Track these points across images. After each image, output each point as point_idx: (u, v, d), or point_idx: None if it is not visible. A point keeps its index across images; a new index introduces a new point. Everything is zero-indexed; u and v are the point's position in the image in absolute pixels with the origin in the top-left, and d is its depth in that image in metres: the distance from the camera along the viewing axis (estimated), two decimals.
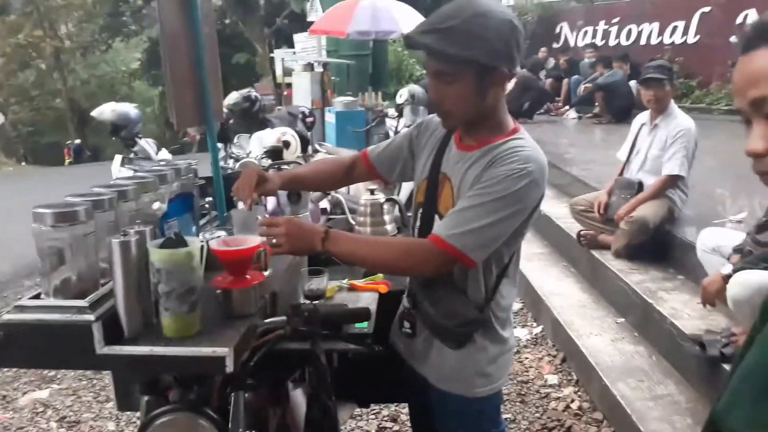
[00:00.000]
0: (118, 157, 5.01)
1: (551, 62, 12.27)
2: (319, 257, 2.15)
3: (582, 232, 4.50)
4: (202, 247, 1.40)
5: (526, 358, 3.90)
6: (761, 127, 0.73)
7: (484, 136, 1.58)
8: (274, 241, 1.53)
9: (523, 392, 3.51)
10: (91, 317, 1.31)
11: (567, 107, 10.81)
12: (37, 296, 1.41)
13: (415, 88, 6.76)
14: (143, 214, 1.64)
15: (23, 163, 20.48)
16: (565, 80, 11.25)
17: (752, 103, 0.73)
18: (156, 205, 1.61)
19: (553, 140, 8.05)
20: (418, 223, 1.73)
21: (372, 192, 2.52)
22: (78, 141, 20.74)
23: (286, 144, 5.54)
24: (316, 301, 1.82)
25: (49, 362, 1.46)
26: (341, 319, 1.67)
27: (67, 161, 19.97)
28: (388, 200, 2.56)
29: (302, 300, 1.92)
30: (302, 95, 9.66)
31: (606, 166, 5.40)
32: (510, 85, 10.53)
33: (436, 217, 1.65)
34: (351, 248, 1.56)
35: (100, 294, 1.39)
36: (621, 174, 4.42)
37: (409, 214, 2.35)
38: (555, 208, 5.55)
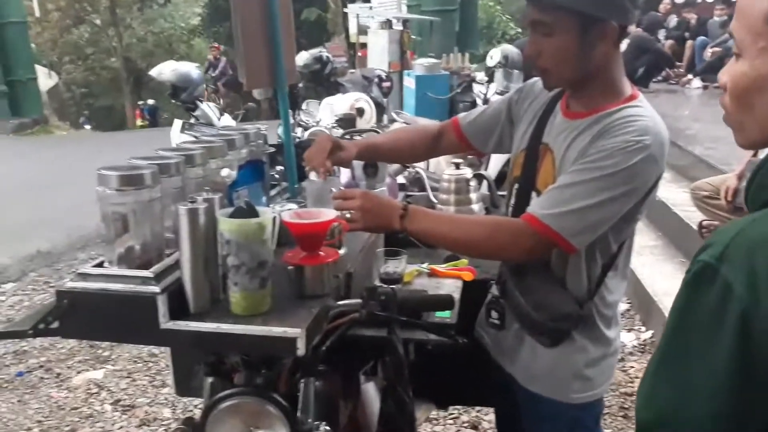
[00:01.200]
0: (177, 122, 5.24)
1: (673, 20, 11.78)
2: (396, 236, 2.20)
3: (705, 223, 4.35)
4: (274, 218, 1.46)
5: (632, 367, 3.82)
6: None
7: (595, 101, 1.56)
8: (348, 215, 1.58)
9: (626, 406, 3.46)
10: (156, 289, 1.40)
11: (690, 75, 10.38)
12: (100, 264, 1.51)
13: (509, 49, 6.67)
14: (211, 182, 1.71)
15: (86, 126, 21.50)
16: (689, 42, 10.80)
17: None
18: (225, 172, 1.69)
19: (672, 113, 7.79)
20: (512, 201, 1.73)
21: (457, 166, 2.53)
22: (151, 101, 21.51)
23: (360, 111, 5.63)
24: (394, 286, 1.86)
25: (110, 334, 1.56)
26: (421, 305, 1.70)
27: (138, 124, 20.77)
28: (475, 176, 2.57)
29: (378, 283, 1.97)
30: (378, 56, 9.73)
31: (735, 145, 5.17)
32: (622, 46, 10.32)
33: (534, 194, 1.64)
34: (431, 226, 1.59)
35: (166, 265, 1.48)
36: (755, 155, 4.23)
37: (501, 192, 2.36)
38: (672, 192, 5.38)
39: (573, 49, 1.50)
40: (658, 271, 4.61)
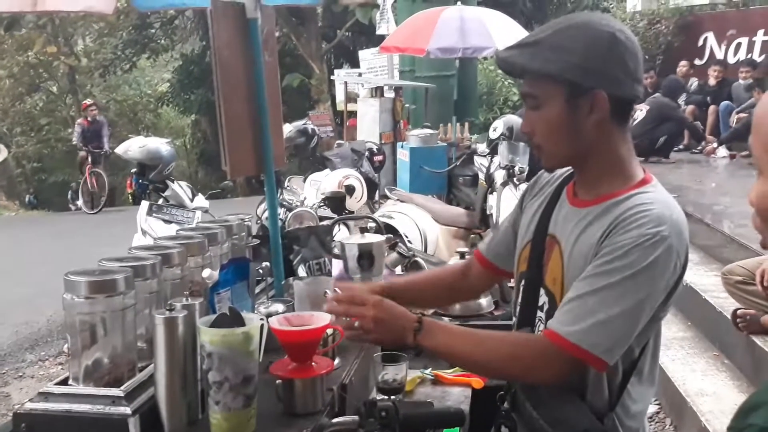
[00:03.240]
0: (144, 204, 5.28)
1: (694, 83, 12.11)
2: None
3: (739, 312, 4.36)
4: (262, 326, 1.48)
5: None
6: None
7: (602, 186, 1.60)
8: (356, 323, 1.58)
9: None
10: (127, 410, 1.40)
11: (715, 143, 10.61)
12: (64, 381, 1.51)
13: (514, 120, 6.82)
14: (189, 282, 1.74)
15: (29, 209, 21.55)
16: (712, 107, 11.08)
17: None
18: (206, 273, 1.71)
19: (697, 186, 7.90)
20: (519, 299, 1.75)
21: (462, 256, 2.57)
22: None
23: (350, 189, 5.72)
24: (394, 397, 1.86)
25: None
26: (427, 422, 1.69)
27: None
28: None
29: (376, 394, 1.97)
30: (369, 127, 9.90)
31: None
32: (640, 114, 10.31)
33: (542, 291, 1.67)
34: (449, 343, 1.59)
35: (138, 381, 1.49)
36: None
37: (511, 285, 2.38)
38: (702, 277, 5.40)
39: (562, 122, 1.55)
40: (689, 368, 4.58)
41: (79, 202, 14.33)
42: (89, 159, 13.66)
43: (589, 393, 1.61)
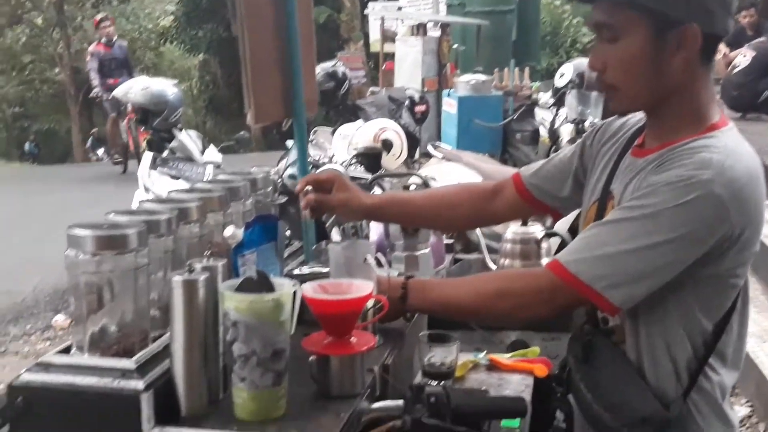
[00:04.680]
0: (147, 156, 5.34)
1: None
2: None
3: None
4: (294, 293, 1.50)
5: None
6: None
7: (670, 132, 1.61)
8: None
9: None
10: (139, 384, 1.43)
11: None
12: (66, 350, 1.55)
13: (584, 64, 6.76)
14: (207, 243, 1.77)
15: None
16: None
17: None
18: (229, 231, 1.74)
19: None
20: None
21: (525, 222, 2.57)
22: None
23: (387, 144, 5.70)
24: (444, 383, 1.88)
25: None
26: (484, 412, 1.71)
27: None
28: (547, 234, 2.61)
29: (421, 379, 1.99)
30: (409, 72, 9.87)
31: None
32: (742, 61, 10.10)
33: None
34: (439, 296, 1.72)
35: (151, 352, 1.52)
36: None
37: None
38: None
39: (644, 58, 1.55)
40: None
41: (104, 157, 12.92)
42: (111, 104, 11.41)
43: (648, 372, 1.62)
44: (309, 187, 1.97)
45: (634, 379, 1.62)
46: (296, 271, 1.93)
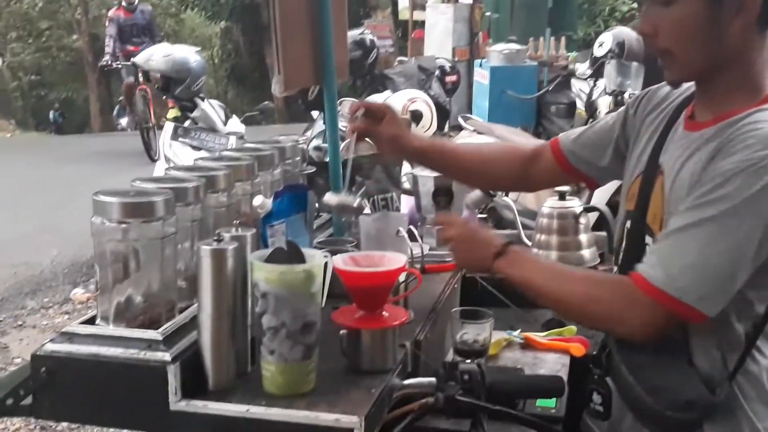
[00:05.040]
0: (168, 126, 5.37)
1: None
2: (475, 291, 2.24)
3: None
4: (325, 264, 1.51)
5: None
6: None
7: (724, 103, 1.58)
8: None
9: None
10: (165, 356, 1.45)
11: None
12: (91, 320, 1.58)
13: (626, 33, 6.70)
14: (235, 213, 1.78)
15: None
16: None
17: None
18: (258, 200, 1.75)
19: None
20: (623, 245, 1.76)
21: (562, 195, 2.56)
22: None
23: (416, 116, 5.69)
24: (478, 361, 1.89)
25: (100, 417, 1.60)
26: (519, 390, 1.73)
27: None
28: (586, 209, 2.59)
29: (453, 356, 2.00)
30: (439, 40, 9.83)
31: None
32: None
33: (647, 236, 1.67)
34: (528, 275, 1.66)
35: (178, 324, 1.54)
36: None
37: None
38: None
39: (701, 23, 1.52)
40: None
41: (128, 128, 12.28)
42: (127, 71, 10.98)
43: (696, 353, 1.61)
44: (360, 112, 1.98)
45: (678, 361, 1.61)
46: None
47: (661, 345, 1.62)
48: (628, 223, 1.74)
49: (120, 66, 11.34)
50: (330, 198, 1.91)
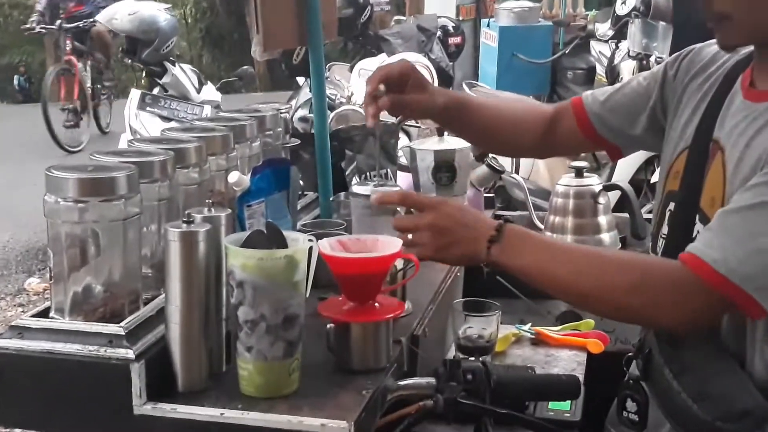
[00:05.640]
0: (135, 94, 5.33)
1: None
2: (481, 278, 2.22)
3: None
4: (310, 249, 1.49)
5: None
6: None
7: None
8: (409, 236, 1.58)
9: None
10: (129, 353, 1.44)
11: None
12: (44, 313, 1.56)
13: None
14: (208, 191, 1.76)
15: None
16: None
17: None
18: (234, 177, 1.73)
19: None
20: (664, 231, 1.74)
21: (579, 172, 2.55)
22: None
23: None
24: (483, 358, 1.88)
25: (55, 421, 1.59)
26: (529, 391, 1.72)
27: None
28: (606, 188, 2.58)
29: (455, 353, 2.00)
30: None
31: None
32: None
33: (697, 219, 1.65)
34: (540, 264, 1.57)
35: (143, 317, 1.52)
36: None
37: (648, 214, 2.36)
38: None
39: None
40: None
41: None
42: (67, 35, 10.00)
43: (753, 359, 1.60)
44: (382, 87, 1.83)
45: (731, 365, 1.58)
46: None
47: (712, 347, 1.60)
48: (671, 206, 1.71)
49: (51, 30, 10.43)
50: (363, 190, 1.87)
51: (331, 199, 2.27)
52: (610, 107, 1.90)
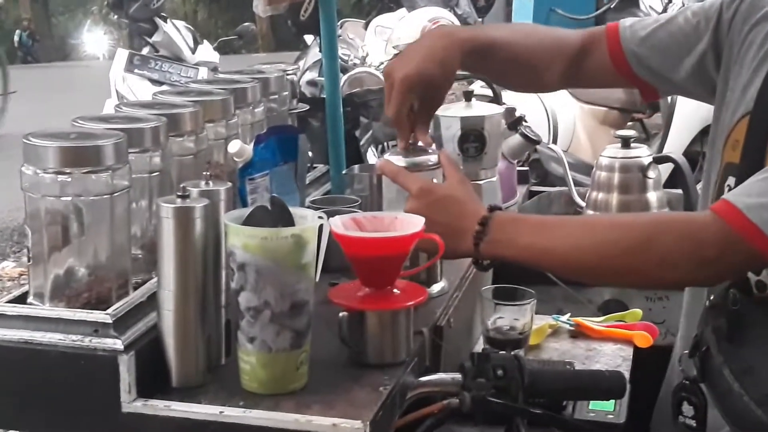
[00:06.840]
0: (122, 54, 5.33)
1: None
2: (511, 265, 2.23)
3: None
4: (320, 227, 1.50)
5: None
6: None
7: None
8: None
9: None
10: (117, 344, 1.44)
11: None
12: (21, 299, 1.57)
13: None
14: (205, 163, 1.77)
15: None
16: None
17: None
18: (235, 146, 1.74)
19: None
20: None
21: (626, 142, 2.54)
22: None
23: None
24: (515, 352, 1.88)
25: (34, 420, 1.60)
26: (567, 389, 1.72)
27: None
28: (657, 160, 2.57)
29: (484, 346, 2.00)
30: None
31: None
32: None
33: None
34: (533, 244, 1.59)
35: (133, 303, 1.53)
36: None
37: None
38: None
39: None
40: None
41: None
42: None
43: None
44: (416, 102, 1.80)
45: None
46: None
47: None
48: (731, 181, 1.70)
49: None
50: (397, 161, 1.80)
51: (343, 172, 2.27)
52: (651, 45, 1.86)
